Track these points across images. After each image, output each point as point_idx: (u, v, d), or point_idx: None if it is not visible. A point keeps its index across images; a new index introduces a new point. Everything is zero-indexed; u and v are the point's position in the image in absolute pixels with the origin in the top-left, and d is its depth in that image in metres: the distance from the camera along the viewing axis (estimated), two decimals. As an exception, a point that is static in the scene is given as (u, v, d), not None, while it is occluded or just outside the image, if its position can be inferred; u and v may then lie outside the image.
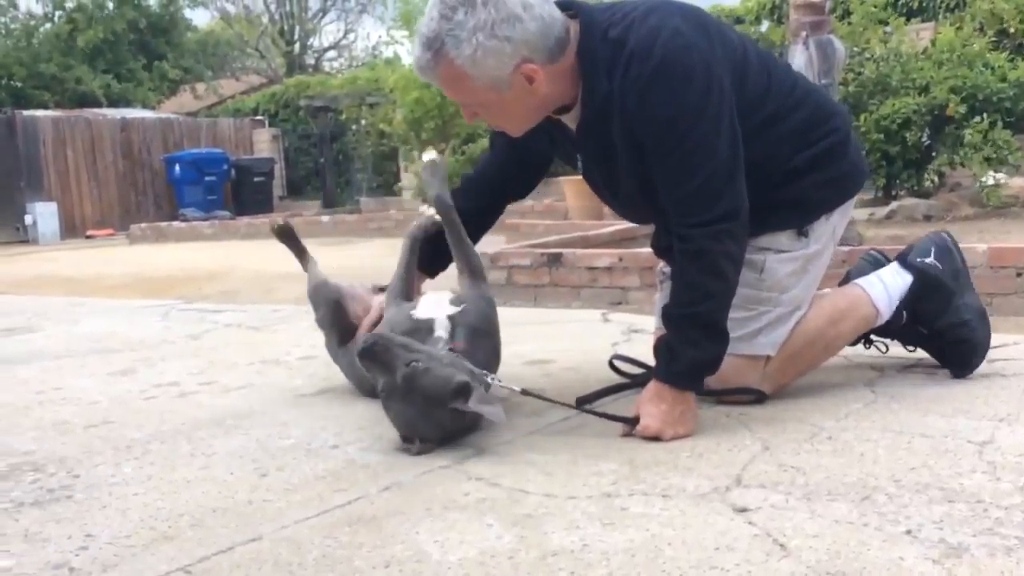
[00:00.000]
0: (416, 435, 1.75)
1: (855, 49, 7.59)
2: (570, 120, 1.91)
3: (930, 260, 2.13)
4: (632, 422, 1.80)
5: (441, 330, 1.91)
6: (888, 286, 2.12)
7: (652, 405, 1.80)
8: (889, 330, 2.18)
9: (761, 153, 1.88)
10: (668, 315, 1.85)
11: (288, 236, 2.43)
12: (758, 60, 1.93)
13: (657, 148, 1.79)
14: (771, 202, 1.91)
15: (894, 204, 6.45)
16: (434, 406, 1.71)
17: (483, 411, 1.70)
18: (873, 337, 2.20)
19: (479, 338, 1.94)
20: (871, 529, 1.29)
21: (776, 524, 1.32)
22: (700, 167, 1.76)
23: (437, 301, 2.02)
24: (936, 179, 7.62)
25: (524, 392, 1.88)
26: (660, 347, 1.87)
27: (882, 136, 7.00)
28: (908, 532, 1.27)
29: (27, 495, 1.64)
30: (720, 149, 1.77)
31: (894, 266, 2.17)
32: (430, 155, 2.11)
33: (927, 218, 6.04)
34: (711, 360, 1.83)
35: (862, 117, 7.05)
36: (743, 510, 1.38)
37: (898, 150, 7.05)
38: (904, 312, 2.12)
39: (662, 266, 2.18)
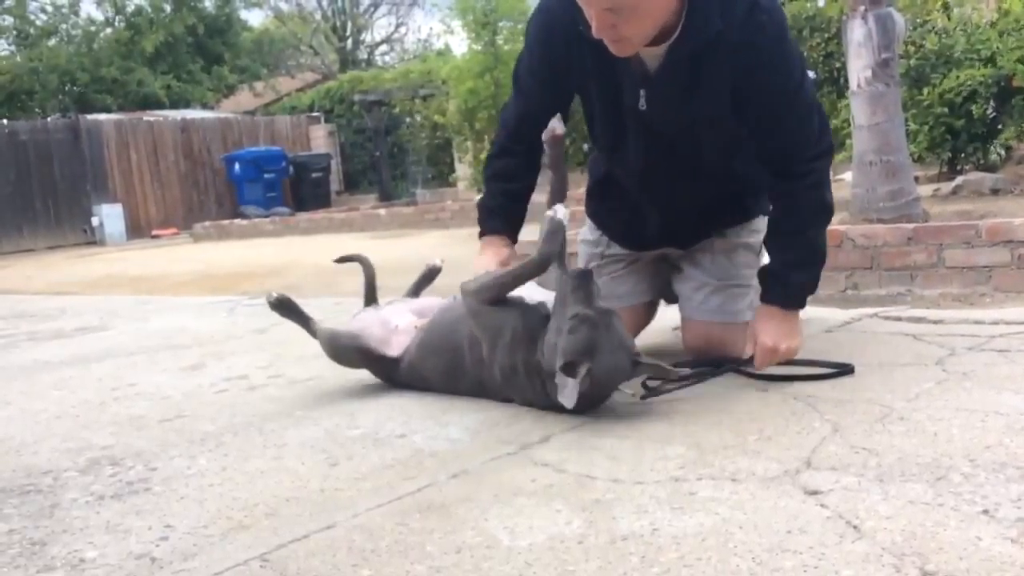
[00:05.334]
0: (577, 360, 1.77)
1: (916, 21, 7.40)
2: (651, 55, 1.96)
3: None
4: (747, 362, 2.09)
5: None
6: None
7: (765, 323, 2.06)
8: None
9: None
10: (783, 241, 2.06)
11: (287, 308, 2.44)
12: None
13: (782, 94, 1.96)
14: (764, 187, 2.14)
15: (959, 179, 6.26)
16: (616, 350, 1.80)
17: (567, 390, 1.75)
18: None
19: None
20: (947, 509, 1.27)
21: (849, 506, 1.30)
22: (814, 106, 2.03)
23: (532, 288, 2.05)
24: (1003, 152, 7.40)
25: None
26: (765, 276, 2.09)
27: (946, 109, 6.82)
28: (985, 511, 1.25)
29: (107, 488, 1.69)
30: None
31: None
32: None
33: (994, 192, 5.87)
34: (814, 281, 2.09)
35: (925, 91, 6.88)
36: (814, 492, 1.37)
37: (963, 123, 6.86)
38: None
39: (600, 237, 2.40)
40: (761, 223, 2.22)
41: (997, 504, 1.27)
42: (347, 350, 2.31)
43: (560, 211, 1.98)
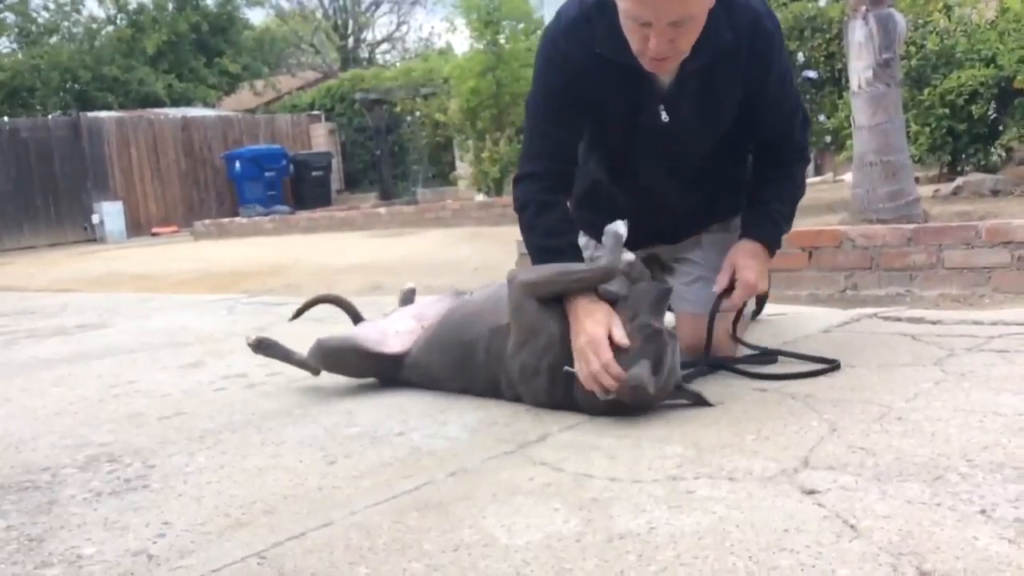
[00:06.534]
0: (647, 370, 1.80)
1: (917, 22, 7.40)
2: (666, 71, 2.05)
3: None
4: (743, 360, 2.19)
5: None
6: None
7: (748, 259, 2.18)
8: None
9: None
10: (772, 193, 2.26)
11: (268, 347, 2.40)
12: None
13: (780, 98, 2.18)
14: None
15: (960, 180, 6.25)
16: (671, 374, 1.85)
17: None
18: None
19: None
20: (944, 509, 1.27)
21: (846, 505, 1.30)
22: (799, 99, 2.30)
23: None
24: (1003, 154, 7.40)
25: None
26: (753, 216, 2.25)
27: (947, 110, 6.82)
28: (982, 511, 1.25)
29: (105, 485, 1.69)
30: None
31: None
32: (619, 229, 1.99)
33: (994, 193, 5.86)
34: (784, 235, 2.33)
35: (926, 91, 6.88)
36: (811, 492, 1.37)
37: (964, 125, 6.86)
38: None
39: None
40: (738, 221, 2.35)
41: (994, 504, 1.27)
42: (339, 351, 2.29)
43: (620, 226, 1.98)
